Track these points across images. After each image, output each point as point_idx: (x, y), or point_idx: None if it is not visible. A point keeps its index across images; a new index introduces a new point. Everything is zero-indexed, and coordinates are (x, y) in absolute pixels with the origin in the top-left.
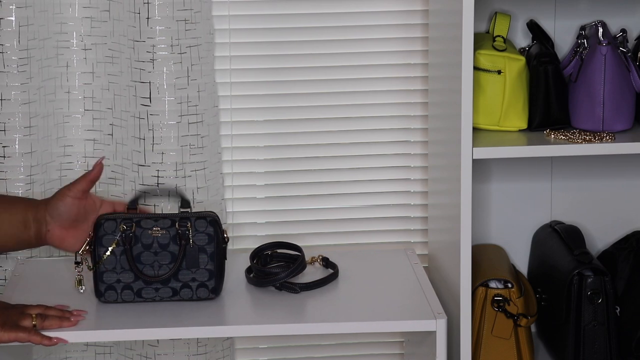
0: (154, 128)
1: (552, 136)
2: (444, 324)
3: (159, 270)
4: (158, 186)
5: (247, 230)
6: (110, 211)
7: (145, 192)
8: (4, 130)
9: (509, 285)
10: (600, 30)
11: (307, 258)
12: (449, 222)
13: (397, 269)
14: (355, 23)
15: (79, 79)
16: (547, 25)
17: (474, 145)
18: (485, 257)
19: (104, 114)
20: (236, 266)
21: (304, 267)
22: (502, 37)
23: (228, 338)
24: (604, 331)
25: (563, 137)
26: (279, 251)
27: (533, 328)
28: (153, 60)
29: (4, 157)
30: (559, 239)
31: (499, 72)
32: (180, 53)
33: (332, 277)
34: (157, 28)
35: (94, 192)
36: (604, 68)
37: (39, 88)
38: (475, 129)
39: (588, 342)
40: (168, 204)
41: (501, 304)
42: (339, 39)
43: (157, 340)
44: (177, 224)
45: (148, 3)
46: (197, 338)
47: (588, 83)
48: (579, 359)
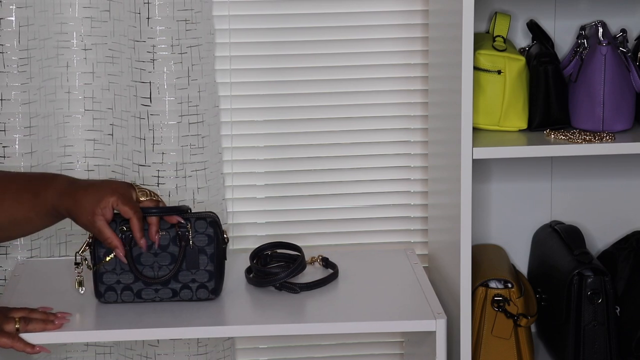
0: (155, 128)
1: (552, 136)
2: (444, 324)
3: (159, 271)
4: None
5: (247, 230)
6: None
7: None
8: (4, 130)
9: (509, 285)
10: (600, 30)
11: (307, 258)
12: (449, 222)
13: (397, 269)
14: (355, 23)
15: (79, 79)
16: (547, 25)
17: (474, 145)
18: (485, 257)
19: (104, 114)
20: (236, 266)
21: (304, 267)
22: (502, 37)
23: (228, 338)
24: (604, 331)
25: (563, 137)
26: (279, 251)
27: (533, 328)
28: (153, 60)
29: (4, 157)
30: (559, 239)
31: (499, 72)
32: (180, 53)
33: (332, 277)
34: (158, 28)
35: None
36: (604, 68)
37: (39, 88)
38: (475, 129)
39: (588, 342)
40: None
41: (501, 304)
42: (339, 39)
43: (158, 340)
44: (177, 225)
45: (148, 3)
46: (198, 338)
47: (588, 83)
48: (579, 359)
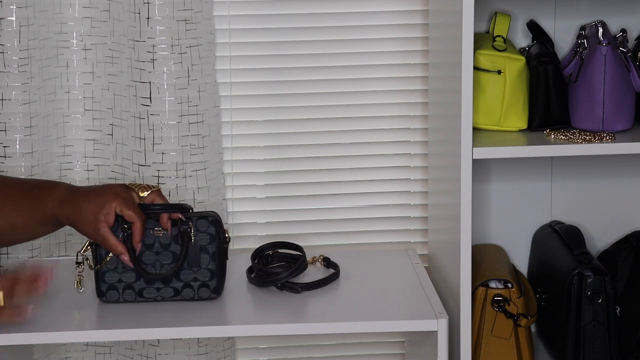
0: (155, 128)
1: (552, 136)
2: (445, 324)
3: (161, 269)
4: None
5: (248, 230)
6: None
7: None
8: (5, 130)
9: (509, 285)
10: (600, 30)
11: (308, 258)
12: (449, 222)
13: (398, 269)
14: (355, 23)
15: (79, 79)
16: (547, 25)
17: (474, 145)
18: (485, 257)
19: (104, 114)
20: (237, 266)
21: (305, 267)
22: (502, 37)
23: (229, 338)
24: (604, 331)
25: (563, 137)
26: (280, 251)
27: (533, 328)
28: (153, 60)
29: (5, 157)
30: (559, 239)
31: (499, 72)
32: (180, 53)
33: (334, 277)
34: (158, 28)
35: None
36: (604, 68)
37: (39, 88)
38: (475, 129)
39: (588, 342)
40: None
41: (501, 304)
42: (339, 39)
43: (158, 340)
44: (179, 222)
45: (148, 3)
46: (198, 338)
47: (588, 83)
48: (579, 359)
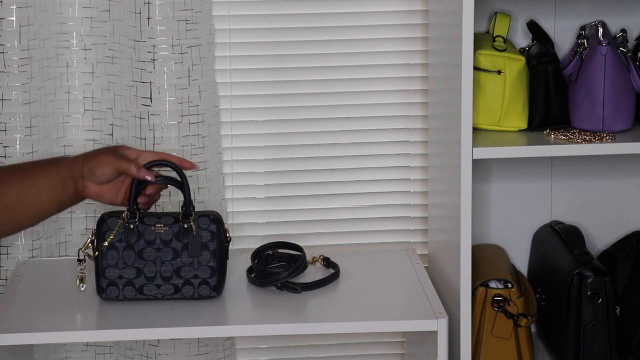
0: (155, 128)
1: (552, 136)
2: (445, 324)
3: (161, 266)
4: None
5: (248, 230)
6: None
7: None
8: (5, 130)
9: (509, 285)
10: (600, 30)
11: (308, 258)
12: (449, 222)
13: (398, 269)
14: (355, 23)
15: (79, 79)
16: (547, 25)
17: (474, 145)
18: (485, 257)
19: (104, 114)
20: (237, 266)
21: (305, 267)
22: (502, 37)
23: (229, 338)
24: (604, 331)
25: (563, 137)
26: (280, 251)
27: (533, 328)
28: (154, 60)
29: (5, 157)
30: (559, 239)
31: (499, 72)
32: (181, 53)
33: (334, 277)
34: (158, 28)
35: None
36: (604, 68)
37: (40, 88)
38: (475, 129)
39: (588, 342)
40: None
41: (501, 304)
42: (339, 39)
43: (158, 340)
44: (180, 219)
45: (149, 3)
46: (198, 338)
47: (588, 83)
48: (579, 359)
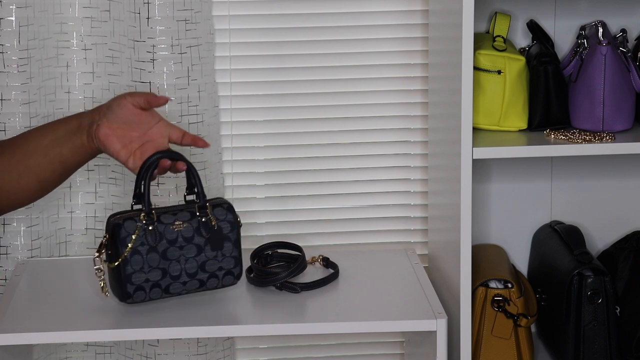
0: None
1: (552, 136)
2: (445, 324)
3: (186, 264)
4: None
5: (247, 230)
6: (164, 134)
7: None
8: (4, 130)
9: (509, 285)
10: (600, 30)
11: (308, 258)
12: (449, 222)
13: (398, 269)
14: (355, 23)
15: (79, 79)
16: (547, 25)
17: (474, 145)
18: (485, 257)
19: None
20: None
21: (305, 267)
22: (502, 37)
23: (228, 338)
24: (604, 331)
25: (563, 137)
26: (280, 251)
27: (533, 328)
28: (153, 60)
29: None
30: (559, 239)
31: (499, 72)
32: (180, 53)
33: (333, 277)
34: (158, 28)
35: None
36: (604, 68)
37: (39, 88)
38: (475, 129)
39: (588, 342)
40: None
41: (501, 304)
42: (339, 39)
43: (157, 340)
44: (198, 214)
45: (148, 3)
46: (198, 338)
47: (588, 83)
48: (579, 359)
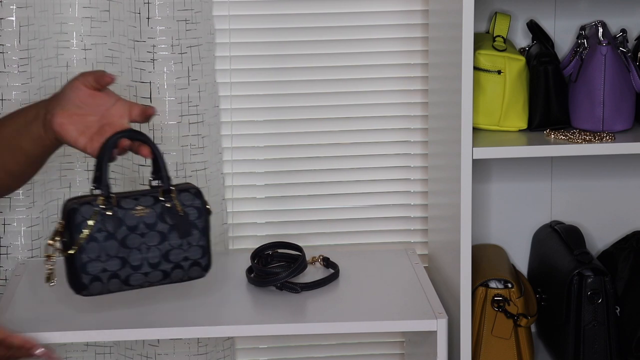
0: (155, 128)
1: (552, 136)
2: (445, 324)
3: (148, 252)
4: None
5: (248, 230)
6: (123, 114)
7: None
8: None
9: (509, 285)
10: (600, 30)
11: (308, 258)
12: (449, 222)
13: (398, 269)
14: (355, 23)
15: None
16: (547, 25)
17: (474, 145)
18: (485, 257)
19: None
20: (237, 266)
21: (305, 267)
22: (502, 37)
23: (229, 338)
24: (604, 331)
25: (563, 137)
26: (280, 251)
27: (533, 328)
28: (153, 60)
29: None
30: (559, 239)
31: (499, 72)
32: (180, 53)
33: (333, 277)
34: (158, 28)
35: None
36: (604, 68)
37: (40, 88)
38: (475, 129)
39: (588, 342)
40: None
41: (501, 304)
42: (339, 39)
43: (158, 340)
44: (161, 197)
45: (148, 3)
46: (198, 338)
47: (588, 83)
48: (579, 359)
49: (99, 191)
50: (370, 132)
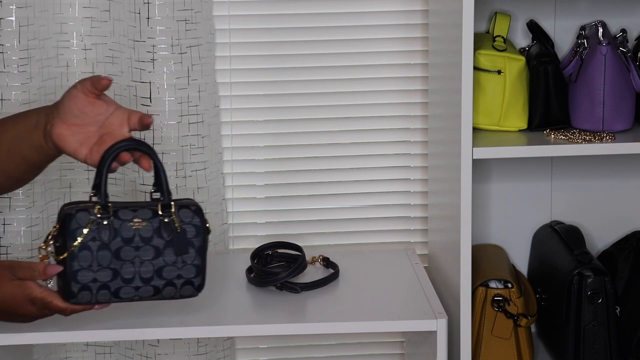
0: (155, 128)
1: (552, 136)
2: (445, 324)
3: (141, 267)
4: None
5: (248, 230)
6: (123, 123)
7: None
8: None
9: (509, 285)
10: (600, 30)
11: (308, 258)
12: (449, 222)
13: (398, 269)
14: (355, 23)
15: (79, 79)
16: (547, 25)
17: (474, 145)
18: (485, 257)
19: None
20: (237, 266)
21: (305, 267)
22: (502, 37)
23: (228, 338)
24: (604, 331)
25: (563, 137)
26: (280, 251)
27: (533, 328)
28: (153, 60)
29: None
30: (559, 239)
31: (499, 72)
32: (180, 53)
33: (333, 277)
34: (158, 28)
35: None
36: (604, 68)
37: (39, 88)
38: (475, 129)
39: (588, 342)
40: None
41: (501, 304)
42: (339, 39)
43: (158, 340)
44: (160, 212)
45: (148, 3)
46: (198, 338)
47: (588, 83)
48: (579, 359)
49: (97, 198)
50: (370, 132)
